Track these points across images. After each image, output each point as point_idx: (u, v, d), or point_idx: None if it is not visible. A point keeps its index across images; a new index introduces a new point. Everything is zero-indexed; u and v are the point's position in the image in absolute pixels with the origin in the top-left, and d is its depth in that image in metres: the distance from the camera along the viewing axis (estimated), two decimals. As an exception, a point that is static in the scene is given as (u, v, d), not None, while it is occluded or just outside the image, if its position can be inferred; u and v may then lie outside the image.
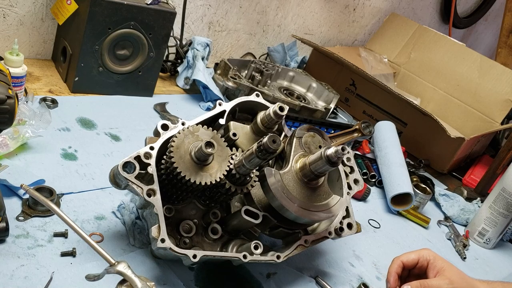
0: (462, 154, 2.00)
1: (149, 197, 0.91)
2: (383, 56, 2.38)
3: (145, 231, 1.06)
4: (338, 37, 2.72)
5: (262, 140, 0.89)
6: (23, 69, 1.35)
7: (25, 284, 0.86)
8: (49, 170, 1.15)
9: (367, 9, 2.73)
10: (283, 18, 2.36)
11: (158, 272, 0.99)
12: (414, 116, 1.99)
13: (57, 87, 1.53)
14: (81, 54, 1.47)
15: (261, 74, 1.87)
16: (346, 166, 1.16)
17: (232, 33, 2.21)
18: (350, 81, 2.20)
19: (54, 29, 1.65)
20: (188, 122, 1.00)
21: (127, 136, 1.41)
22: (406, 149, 1.90)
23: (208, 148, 0.88)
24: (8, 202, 1.00)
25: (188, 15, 1.93)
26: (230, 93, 1.79)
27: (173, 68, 1.88)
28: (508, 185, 1.48)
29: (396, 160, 1.67)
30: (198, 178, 0.90)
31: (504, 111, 2.07)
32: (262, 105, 1.11)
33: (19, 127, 1.17)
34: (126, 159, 0.92)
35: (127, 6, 1.44)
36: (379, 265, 1.30)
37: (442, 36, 2.30)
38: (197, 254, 0.91)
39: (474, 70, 2.16)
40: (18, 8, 1.54)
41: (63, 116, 1.38)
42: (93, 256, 0.95)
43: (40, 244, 0.95)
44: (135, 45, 1.54)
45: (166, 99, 1.69)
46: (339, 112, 2.15)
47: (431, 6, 3.14)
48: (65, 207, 1.07)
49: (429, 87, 2.24)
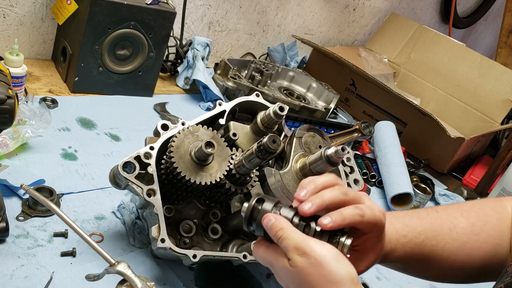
0: (462, 154, 2.00)
1: (149, 197, 0.91)
2: (383, 56, 2.37)
3: (145, 231, 1.06)
4: (338, 37, 2.72)
5: (262, 140, 0.89)
6: (23, 69, 1.35)
7: (25, 284, 0.86)
8: (49, 170, 1.15)
9: (367, 9, 2.73)
10: (283, 18, 2.36)
11: (158, 272, 0.99)
12: (414, 116, 1.99)
13: (57, 87, 1.53)
14: (81, 54, 1.47)
15: (261, 74, 1.87)
16: (346, 166, 1.16)
17: (232, 33, 2.21)
18: (350, 81, 2.20)
19: (54, 29, 1.65)
20: (188, 122, 1.00)
21: (127, 136, 1.41)
22: (406, 149, 1.90)
23: (208, 148, 0.88)
24: (8, 202, 1.00)
25: (188, 15, 1.92)
26: (230, 93, 1.79)
27: (173, 68, 1.88)
28: (508, 185, 1.48)
29: (396, 160, 1.67)
30: (198, 178, 0.90)
31: (504, 111, 2.07)
32: (262, 105, 1.11)
33: (19, 127, 1.17)
34: (126, 159, 0.92)
35: (127, 6, 1.44)
36: (379, 265, 1.29)
37: (442, 36, 2.30)
38: (197, 254, 0.91)
39: (474, 70, 2.16)
40: (18, 8, 1.54)
41: (63, 116, 1.38)
42: (93, 256, 0.95)
43: (40, 244, 0.95)
44: (135, 45, 1.54)
45: (166, 99, 1.69)
46: (339, 112, 2.15)
47: (431, 6, 3.14)
48: (65, 207, 1.07)
49: (429, 87, 2.24)
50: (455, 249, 0.84)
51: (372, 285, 1.18)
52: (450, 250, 0.84)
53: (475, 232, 0.85)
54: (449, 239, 0.84)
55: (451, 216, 0.87)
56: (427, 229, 0.84)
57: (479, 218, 0.87)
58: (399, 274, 1.31)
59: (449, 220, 0.86)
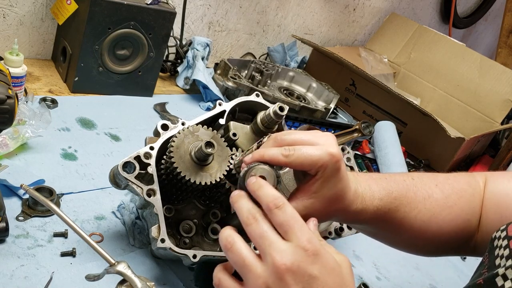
0: (462, 154, 2.00)
1: (149, 197, 0.91)
2: (383, 56, 2.37)
3: (145, 231, 1.06)
4: (338, 37, 2.72)
5: (262, 140, 0.89)
6: (23, 69, 1.35)
7: (25, 284, 0.86)
8: (49, 170, 1.15)
9: (367, 9, 2.73)
10: (283, 18, 2.36)
11: (158, 272, 0.99)
12: (414, 116, 1.99)
13: (57, 87, 1.53)
14: (81, 54, 1.47)
15: (261, 74, 1.87)
16: (346, 166, 1.16)
17: (232, 33, 2.21)
18: (350, 81, 2.20)
19: (54, 29, 1.65)
20: (188, 122, 1.00)
21: (127, 136, 1.41)
22: (406, 149, 1.90)
23: (208, 148, 0.88)
24: (8, 202, 1.00)
25: (188, 15, 1.92)
26: (230, 93, 1.79)
27: (173, 68, 1.88)
28: (508, 185, 1.48)
29: (396, 160, 1.67)
30: (198, 178, 0.90)
31: (504, 111, 2.07)
32: (262, 105, 1.11)
33: (19, 127, 1.17)
34: (126, 159, 0.92)
35: (127, 6, 1.44)
36: (379, 265, 1.29)
37: (442, 36, 2.30)
38: (197, 254, 0.91)
39: (474, 70, 2.16)
40: (18, 8, 1.54)
41: (63, 116, 1.38)
42: (93, 256, 0.95)
43: (40, 244, 0.95)
44: (135, 45, 1.54)
45: (166, 99, 1.69)
46: (339, 112, 2.15)
47: (431, 6, 3.14)
48: (65, 207, 1.07)
49: (429, 87, 2.24)
50: (427, 219, 0.83)
51: (372, 285, 1.18)
52: (422, 219, 0.82)
53: (448, 204, 0.84)
54: (423, 208, 0.82)
55: (426, 185, 0.85)
56: (402, 195, 0.81)
57: (454, 192, 0.86)
58: (399, 274, 1.31)
59: (424, 190, 0.84)
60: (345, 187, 0.72)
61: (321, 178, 0.70)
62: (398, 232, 0.84)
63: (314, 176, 0.70)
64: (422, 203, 0.83)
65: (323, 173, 0.69)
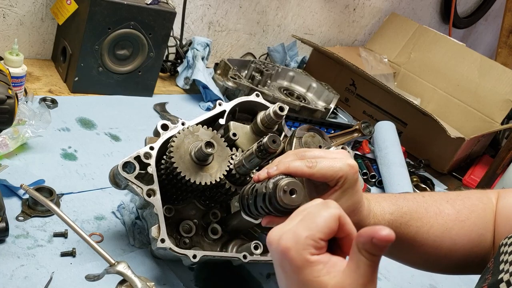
0: (462, 154, 2.00)
1: (149, 197, 0.91)
2: (383, 56, 2.37)
3: (145, 231, 1.06)
4: (338, 37, 2.72)
5: (262, 140, 0.89)
6: (23, 69, 1.35)
7: (25, 284, 0.86)
8: (49, 170, 1.15)
9: (367, 9, 2.73)
10: (283, 18, 2.36)
11: (158, 272, 0.99)
12: (414, 116, 1.99)
13: (57, 87, 1.53)
14: (81, 54, 1.47)
15: (261, 74, 1.87)
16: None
17: (232, 33, 2.21)
18: (350, 81, 2.20)
19: (54, 29, 1.65)
20: (188, 122, 1.00)
21: (127, 136, 1.41)
22: (406, 149, 1.90)
23: (208, 148, 0.88)
24: (8, 202, 1.00)
25: (188, 15, 1.92)
26: (230, 93, 1.79)
27: (173, 68, 1.88)
28: (508, 185, 1.48)
29: (396, 160, 1.67)
30: (198, 178, 0.90)
31: (504, 111, 2.07)
32: (262, 105, 1.11)
33: (19, 127, 1.17)
34: (126, 159, 0.92)
35: (127, 6, 1.44)
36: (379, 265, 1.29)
37: (442, 36, 2.30)
38: (197, 254, 0.91)
39: (474, 70, 2.16)
40: (18, 8, 1.54)
41: (63, 116, 1.38)
42: (93, 256, 0.95)
43: (40, 244, 0.95)
44: (135, 45, 1.54)
45: (166, 99, 1.69)
46: (339, 112, 2.15)
47: (431, 6, 3.14)
48: (65, 207, 1.07)
49: (429, 87, 2.24)
50: (440, 233, 0.83)
51: (372, 285, 1.18)
52: (436, 234, 0.83)
53: (460, 219, 0.84)
54: (435, 223, 0.83)
55: (437, 202, 0.86)
56: (413, 210, 0.83)
57: (465, 206, 0.86)
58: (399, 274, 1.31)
59: (435, 206, 0.85)
60: (360, 200, 0.76)
61: (340, 188, 0.73)
62: (412, 248, 0.84)
63: (333, 187, 0.73)
64: (433, 218, 0.83)
65: (342, 183, 0.72)
